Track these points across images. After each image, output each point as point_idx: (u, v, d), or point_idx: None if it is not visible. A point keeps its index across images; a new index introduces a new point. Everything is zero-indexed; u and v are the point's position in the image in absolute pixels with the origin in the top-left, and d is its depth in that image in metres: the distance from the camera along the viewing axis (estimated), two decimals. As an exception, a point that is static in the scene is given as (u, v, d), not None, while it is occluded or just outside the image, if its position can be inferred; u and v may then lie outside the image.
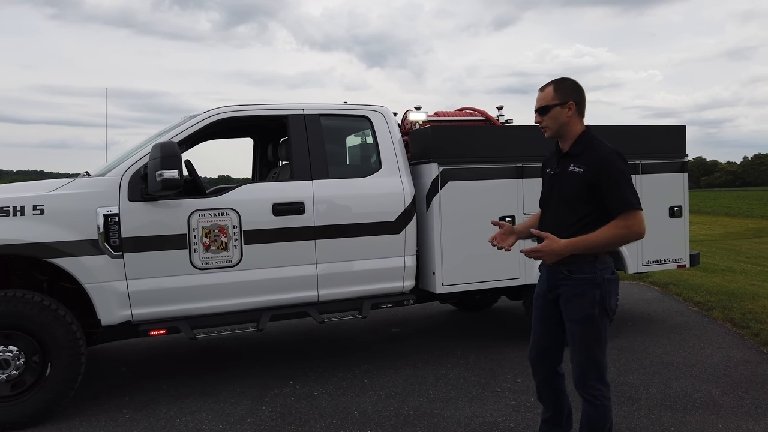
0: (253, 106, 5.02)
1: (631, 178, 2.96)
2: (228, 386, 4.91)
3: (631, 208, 2.87)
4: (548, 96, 3.07)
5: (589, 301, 2.96)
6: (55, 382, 4.18)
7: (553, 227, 3.01)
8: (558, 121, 3.05)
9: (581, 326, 3.00)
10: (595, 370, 3.00)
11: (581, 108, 3.08)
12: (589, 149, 2.98)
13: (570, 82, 3.09)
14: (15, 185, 4.64)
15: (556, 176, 3.11)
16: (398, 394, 4.66)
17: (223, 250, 4.61)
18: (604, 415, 3.00)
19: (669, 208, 6.10)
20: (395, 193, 5.17)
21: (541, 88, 3.13)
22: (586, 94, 3.12)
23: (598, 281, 2.95)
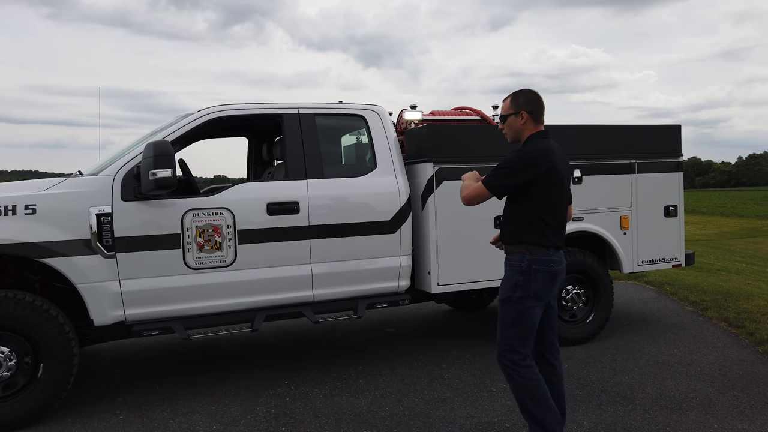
0: (247, 106, 4.99)
1: (509, 168, 3.31)
2: (222, 387, 4.88)
3: (484, 181, 3.36)
4: (506, 107, 3.49)
5: (512, 284, 3.35)
6: (47, 384, 4.15)
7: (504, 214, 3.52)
8: (513, 128, 3.45)
9: (502, 305, 3.40)
10: (506, 345, 3.35)
11: (535, 116, 3.42)
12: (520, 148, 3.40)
13: (525, 95, 3.45)
14: (6, 185, 4.60)
15: None
16: (393, 394, 4.64)
17: (217, 250, 4.58)
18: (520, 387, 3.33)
19: (664, 207, 6.09)
20: (390, 192, 5.14)
21: (504, 99, 3.52)
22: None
23: (524, 269, 3.32)
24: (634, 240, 5.96)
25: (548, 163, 3.31)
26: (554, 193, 3.36)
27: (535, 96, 3.46)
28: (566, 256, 5.67)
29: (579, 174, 5.71)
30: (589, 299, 5.88)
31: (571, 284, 5.81)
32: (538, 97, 3.46)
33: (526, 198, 3.34)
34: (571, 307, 5.80)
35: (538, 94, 3.47)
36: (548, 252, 3.35)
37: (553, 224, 3.36)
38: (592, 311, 5.88)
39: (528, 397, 3.33)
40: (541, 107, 3.46)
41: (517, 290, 3.33)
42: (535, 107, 3.42)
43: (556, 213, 3.38)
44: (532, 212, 3.33)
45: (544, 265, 3.33)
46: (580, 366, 5.16)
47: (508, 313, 3.37)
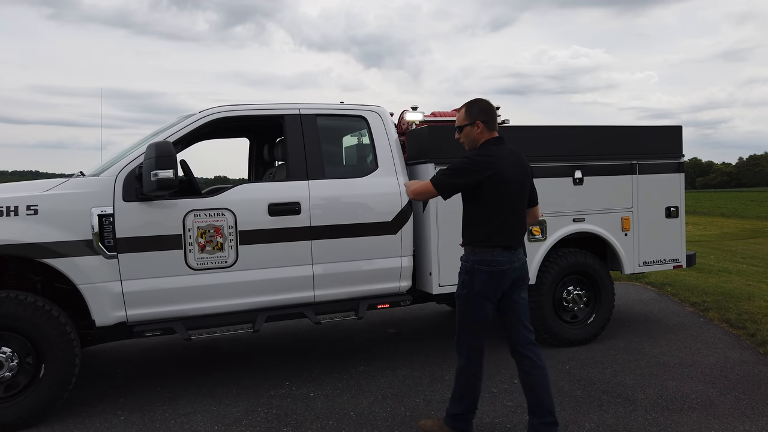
0: (249, 106, 5.00)
1: (456, 171, 3.59)
2: (223, 387, 4.88)
3: (432, 179, 3.68)
4: (461, 117, 3.73)
5: (460, 283, 3.68)
6: (49, 384, 4.15)
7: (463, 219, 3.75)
8: (469, 137, 3.71)
9: (457, 300, 3.72)
10: (463, 339, 3.71)
11: (489, 125, 3.68)
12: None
13: (479, 106, 3.69)
14: (8, 185, 4.60)
15: None
16: (395, 395, 4.64)
17: (218, 251, 4.58)
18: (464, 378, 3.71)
19: (665, 208, 6.10)
20: (392, 193, 5.15)
21: (458, 110, 3.79)
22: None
23: (469, 269, 3.61)
24: (635, 241, 5.97)
25: (493, 169, 3.53)
26: (502, 197, 3.57)
27: (488, 105, 3.71)
28: (567, 256, 5.70)
29: (580, 175, 5.71)
30: (590, 300, 5.88)
31: (572, 285, 5.81)
32: (490, 106, 3.72)
33: (473, 201, 3.63)
34: (572, 308, 5.80)
35: (490, 103, 3.73)
36: (492, 252, 3.56)
37: (500, 226, 3.57)
38: (593, 312, 5.88)
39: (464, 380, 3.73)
40: (494, 116, 3.72)
41: (464, 288, 3.64)
42: (489, 116, 3.68)
43: (504, 216, 3.58)
44: (478, 215, 3.62)
45: (486, 265, 3.57)
46: (582, 367, 5.16)
47: (460, 309, 3.70)
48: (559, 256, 5.69)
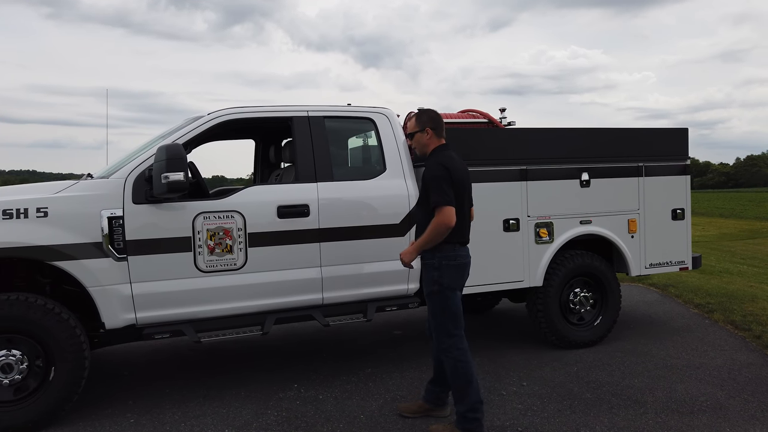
0: (258, 108, 4.99)
1: (444, 181, 3.77)
2: (232, 390, 4.87)
3: (438, 205, 3.76)
4: (411, 125, 4.04)
5: (430, 280, 3.89)
6: (58, 387, 4.14)
7: (418, 225, 4.03)
8: (420, 143, 4.04)
9: (429, 299, 3.94)
10: (444, 332, 3.89)
11: (438, 132, 4.03)
12: (428, 161, 3.95)
13: (428, 114, 4.05)
14: (18, 187, 4.59)
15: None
16: (404, 397, 4.64)
17: (227, 253, 4.57)
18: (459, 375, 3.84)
19: (671, 210, 6.11)
20: (400, 195, 5.14)
21: (408, 118, 4.17)
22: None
23: (436, 265, 3.85)
24: (641, 243, 5.97)
25: (455, 171, 3.85)
26: (460, 198, 3.87)
27: (436, 114, 4.09)
28: (574, 259, 5.71)
29: (587, 177, 5.72)
30: (596, 302, 5.89)
31: (579, 287, 5.81)
32: (438, 114, 4.10)
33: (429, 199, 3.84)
34: (579, 310, 5.80)
35: (437, 112, 4.11)
36: (454, 248, 3.88)
37: (458, 225, 3.83)
38: (599, 314, 5.89)
39: (459, 375, 3.85)
40: (442, 123, 4.06)
41: (435, 285, 3.88)
42: (437, 124, 4.03)
43: (461, 215, 3.88)
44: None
45: (452, 260, 3.87)
46: (589, 369, 5.17)
47: (435, 305, 3.93)
48: (566, 258, 5.69)
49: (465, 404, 3.85)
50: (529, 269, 5.52)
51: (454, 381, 3.89)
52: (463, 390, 3.86)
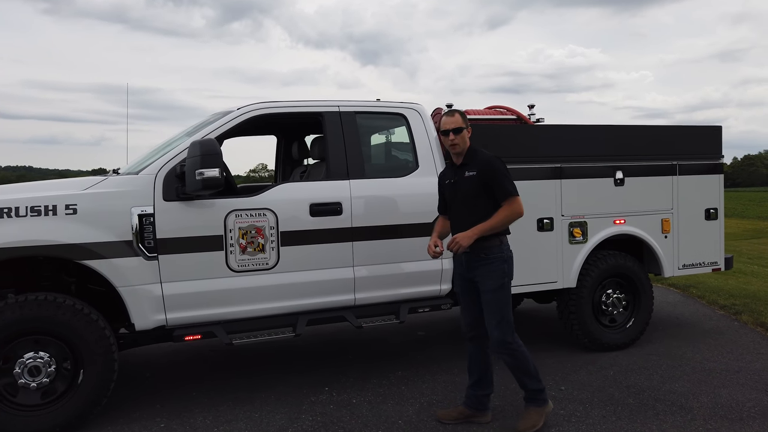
0: (288, 103, 4.85)
1: (509, 173, 3.93)
2: (261, 393, 4.73)
3: (511, 195, 3.88)
4: (458, 120, 4.00)
5: (500, 273, 3.92)
6: (87, 390, 3.99)
7: (464, 222, 3.94)
8: (464, 140, 4.01)
9: (497, 293, 3.90)
10: (508, 326, 3.90)
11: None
12: (475, 158, 3.98)
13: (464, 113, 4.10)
14: (44, 183, 4.43)
15: (456, 183, 4.03)
16: (440, 402, 4.50)
17: (259, 252, 4.42)
18: (524, 359, 3.94)
19: (705, 210, 5.98)
20: (433, 193, 4.95)
21: (449, 114, 4.05)
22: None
23: (505, 258, 3.95)
24: (674, 243, 5.84)
25: None
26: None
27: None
28: (607, 259, 5.58)
29: (621, 176, 5.58)
30: (628, 304, 5.76)
31: (611, 288, 5.68)
32: None
33: (491, 196, 3.91)
34: (612, 311, 5.67)
35: None
36: (507, 240, 4.02)
37: None
38: (632, 316, 5.76)
39: (526, 366, 3.95)
40: None
41: (505, 277, 3.94)
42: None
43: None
44: (493, 206, 3.92)
45: (511, 252, 4.02)
46: (626, 373, 5.04)
47: (503, 298, 3.93)
48: (598, 259, 5.56)
49: (534, 381, 3.98)
50: (563, 270, 5.39)
51: (520, 365, 3.95)
52: (529, 369, 3.96)
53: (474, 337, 4.11)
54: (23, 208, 3.89)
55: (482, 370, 4.12)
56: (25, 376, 3.88)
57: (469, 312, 4.11)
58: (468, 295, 4.10)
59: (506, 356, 3.94)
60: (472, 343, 4.13)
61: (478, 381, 4.13)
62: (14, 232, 3.84)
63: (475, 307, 4.06)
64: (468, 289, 4.09)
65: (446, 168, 4.29)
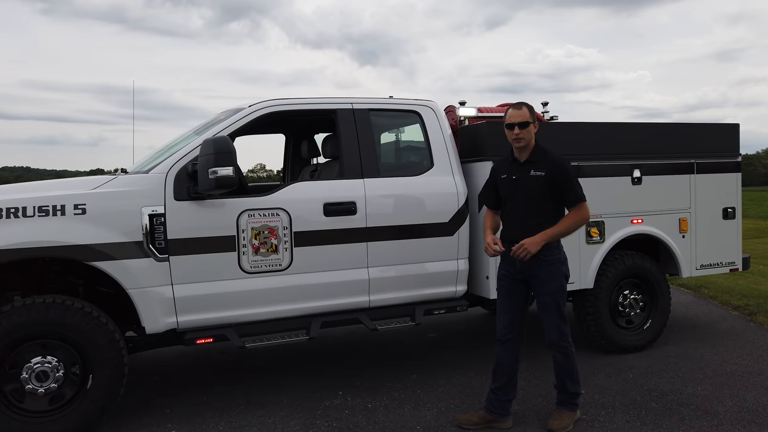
0: (301, 100, 4.73)
1: (576, 178, 3.88)
2: (273, 397, 4.61)
3: (581, 201, 3.81)
4: (525, 114, 3.85)
5: (561, 275, 3.88)
6: (96, 396, 3.87)
7: (524, 222, 3.85)
8: (530, 135, 3.86)
9: (556, 295, 3.85)
10: (565, 325, 3.88)
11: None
12: (545, 158, 3.85)
13: (532, 107, 3.94)
14: (52, 182, 4.30)
15: (519, 180, 3.88)
16: (458, 406, 4.38)
17: (272, 253, 4.30)
18: (573, 361, 3.94)
19: (723, 209, 5.87)
20: (449, 192, 4.89)
21: (516, 106, 3.89)
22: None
23: (563, 259, 3.91)
24: (692, 243, 5.73)
25: None
26: None
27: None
28: (624, 259, 5.47)
29: (639, 174, 5.46)
30: (645, 305, 5.65)
31: (628, 289, 5.57)
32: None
33: (556, 197, 3.83)
34: (629, 313, 5.56)
35: None
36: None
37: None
38: (648, 317, 5.64)
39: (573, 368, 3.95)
40: None
41: (565, 279, 3.91)
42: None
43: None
44: (557, 208, 3.87)
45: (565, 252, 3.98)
46: (646, 376, 4.92)
47: (561, 300, 3.88)
48: (616, 259, 5.44)
49: (575, 385, 3.96)
50: (580, 270, 5.26)
51: (568, 367, 3.93)
52: (574, 372, 3.95)
53: (508, 340, 3.99)
54: (30, 207, 3.77)
55: (509, 375, 4.02)
56: (33, 382, 3.75)
57: (510, 314, 3.99)
58: (512, 296, 3.97)
59: (560, 355, 3.89)
60: (504, 346, 4.01)
61: (504, 386, 4.01)
62: (21, 233, 3.72)
63: (517, 310, 3.97)
64: (514, 291, 3.96)
65: (503, 161, 4.07)
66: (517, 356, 4.02)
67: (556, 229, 3.78)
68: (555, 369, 3.99)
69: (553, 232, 3.76)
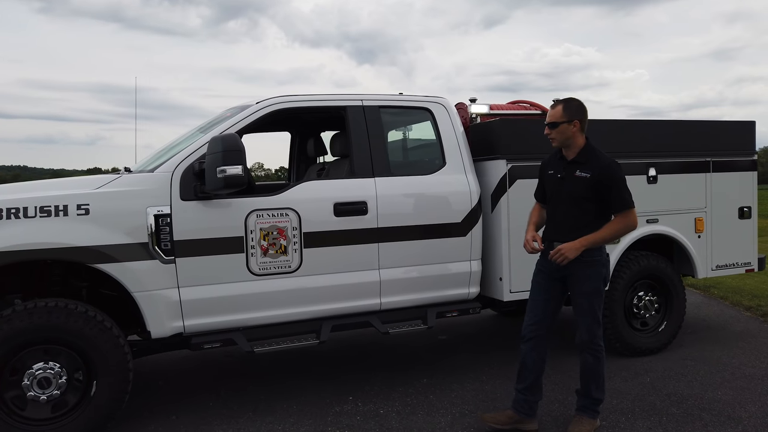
0: (309, 97, 4.60)
1: (625, 183, 3.69)
2: (282, 403, 4.48)
3: (628, 207, 3.67)
4: (556, 114, 3.72)
5: (600, 277, 3.74)
6: (101, 403, 3.74)
7: (563, 222, 3.76)
8: (564, 134, 3.72)
9: (592, 297, 3.72)
10: (598, 328, 3.77)
11: (584, 125, 3.75)
12: (593, 159, 3.69)
13: (576, 104, 3.74)
14: (53, 182, 4.16)
15: (564, 179, 3.76)
16: (472, 412, 4.25)
17: (281, 255, 4.17)
18: (603, 364, 3.82)
19: (738, 209, 5.75)
20: (461, 192, 4.76)
21: (553, 105, 3.79)
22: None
23: (604, 261, 3.76)
24: (708, 243, 5.61)
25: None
26: None
27: (583, 105, 3.77)
28: (639, 260, 5.34)
29: (654, 173, 5.34)
30: (660, 306, 5.52)
31: (643, 291, 5.44)
32: (584, 106, 3.77)
33: (600, 200, 3.68)
34: (644, 315, 5.43)
35: (583, 103, 3.78)
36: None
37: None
38: (663, 319, 5.52)
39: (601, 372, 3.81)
40: (587, 116, 3.79)
41: (602, 281, 3.77)
42: (585, 116, 3.76)
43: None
44: (601, 212, 3.71)
45: (607, 254, 3.84)
46: (664, 380, 4.80)
47: (597, 302, 3.75)
48: (630, 260, 5.32)
49: (600, 391, 3.83)
50: (595, 271, 5.13)
51: (596, 370, 3.80)
52: (601, 376, 3.82)
53: (534, 338, 3.86)
54: (32, 208, 3.63)
55: (535, 375, 3.89)
56: (35, 389, 3.62)
57: (538, 311, 3.87)
58: (544, 294, 3.85)
59: (590, 357, 3.77)
60: (529, 344, 3.87)
61: (530, 386, 3.90)
62: (23, 234, 3.58)
63: (547, 307, 3.85)
64: (547, 288, 3.84)
65: (552, 157, 3.94)
66: (544, 356, 3.89)
67: (598, 235, 3.63)
68: (581, 372, 3.86)
69: (594, 238, 3.62)
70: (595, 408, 3.88)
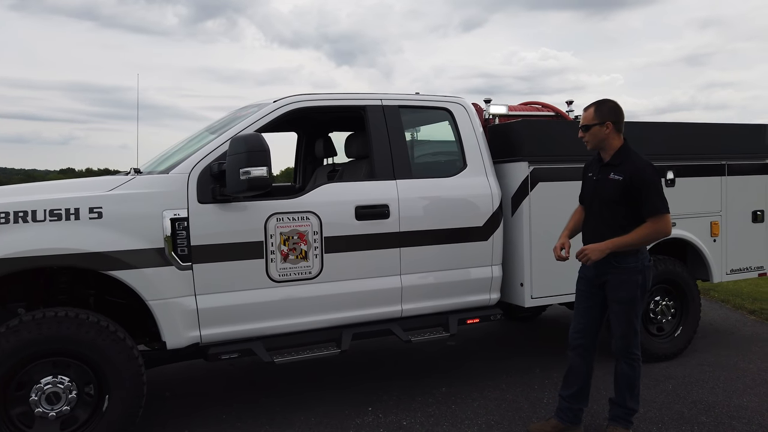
0: (328, 96, 4.42)
1: (661, 186, 3.58)
2: (300, 414, 4.29)
3: (659, 213, 3.50)
4: (588, 116, 3.67)
5: (635, 285, 3.60)
6: (113, 418, 3.51)
7: (596, 226, 3.71)
8: (597, 137, 3.65)
9: (627, 305, 3.62)
10: (635, 337, 3.67)
11: (618, 126, 3.65)
12: (627, 161, 3.60)
13: (609, 105, 3.66)
14: (62, 183, 3.91)
15: (598, 181, 3.70)
16: (499, 423, 4.11)
17: (302, 260, 3.99)
18: (639, 373, 3.72)
19: (752, 212, 5.70)
20: (483, 195, 4.62)
21: (585, 108, 3.72)
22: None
23: (640, 268, 3.62)
24: (723, 247, 5.55)
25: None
26: None
27: (618, 106, 3.68)
28: (657, 265, 5.25)
29: (672, 176, 5.27)
30: (676, 311, 5.45)
31: (659, 295, 5.36)
32: (619, 107, 3.68)
33: (631, 204, 3.56)
34: (660, 320, 5.35)
35: (618, 104, 3.68)
36: (646, 248, 3.71)
37: None
38: (679, 324, 5.45)
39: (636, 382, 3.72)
40: (623, 117, 3.68)
41: (639, 288, 3.63)
42: (619, 117, 3.66)
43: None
44: (632, 216, 3.57)
45: (649, 261, 3.70)
46: (686, 387, 4.72)
47: (633, 310, 3.63)
48: (648, 264, 5.22)
49: (634, 401, 3.74)
50: (614, 276, 5.03)
51: (632, 379, 3.71)
52: (636, 386, 3.73)
53: (580, 345, 3.80)
54: (41, 211, 3.39)
55: (583, 382, 3.81)
56: (43, 405, 3.38)
57: (584, 318, 3.80)
58: (588, 300, 3.78)
59: (626, 365, 3.69)
60: (576, 352, 3.81)
61: (576, 393, 3.82)
62: (32, 239, 3.34)
63: (592, 315, 3.77)
64: (590, 294, 3.77)
65: (594, 159, 3.87)
66: (591, 363, 3.81)
67: (627, 238, 3.52)
68: (615, 380, 3.76)
69: (622, 241, 3.52)
70: (629, 418, 3.77)
